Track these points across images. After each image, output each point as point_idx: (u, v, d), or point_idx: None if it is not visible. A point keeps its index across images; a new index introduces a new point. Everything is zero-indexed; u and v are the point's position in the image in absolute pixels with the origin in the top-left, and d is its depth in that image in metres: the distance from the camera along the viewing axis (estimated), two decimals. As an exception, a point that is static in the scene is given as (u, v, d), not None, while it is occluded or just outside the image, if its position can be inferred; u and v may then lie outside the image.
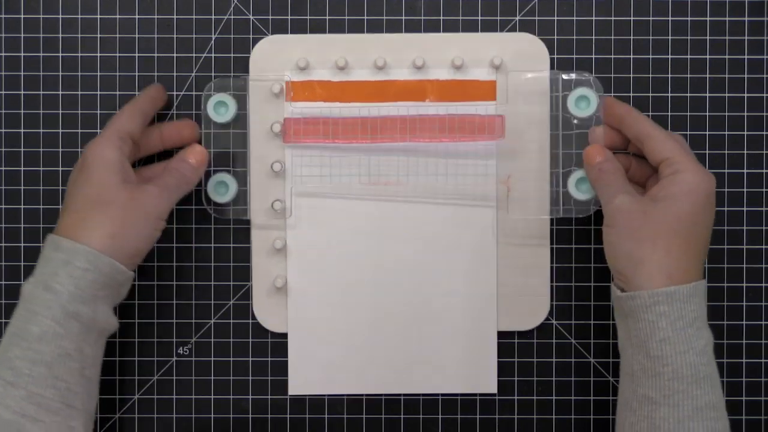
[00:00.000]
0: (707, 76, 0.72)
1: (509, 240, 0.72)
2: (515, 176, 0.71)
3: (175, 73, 0.73)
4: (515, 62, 0.71)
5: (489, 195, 0.72)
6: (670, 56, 0.72)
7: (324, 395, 0.73)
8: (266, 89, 0.71)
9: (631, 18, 0.72)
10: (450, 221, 0.72)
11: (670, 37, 0.72)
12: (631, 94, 0.72)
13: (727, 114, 0.72)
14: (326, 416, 0.73)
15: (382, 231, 0.72)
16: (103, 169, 0.65)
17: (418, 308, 0.72)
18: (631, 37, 0.72)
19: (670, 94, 0.72)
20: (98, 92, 0.72)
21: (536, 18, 0.72)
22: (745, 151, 0.72)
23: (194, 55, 0.73)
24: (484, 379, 0.72)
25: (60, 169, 0.72)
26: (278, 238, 0.72)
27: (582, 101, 0.70)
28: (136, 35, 0.73)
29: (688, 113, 0.72)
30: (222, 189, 0.71)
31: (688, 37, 0.72)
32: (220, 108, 0.71)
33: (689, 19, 0.72)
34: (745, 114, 0.72)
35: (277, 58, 0.72)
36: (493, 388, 0.72)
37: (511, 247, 0.72)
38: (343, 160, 0.71)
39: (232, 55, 0.72)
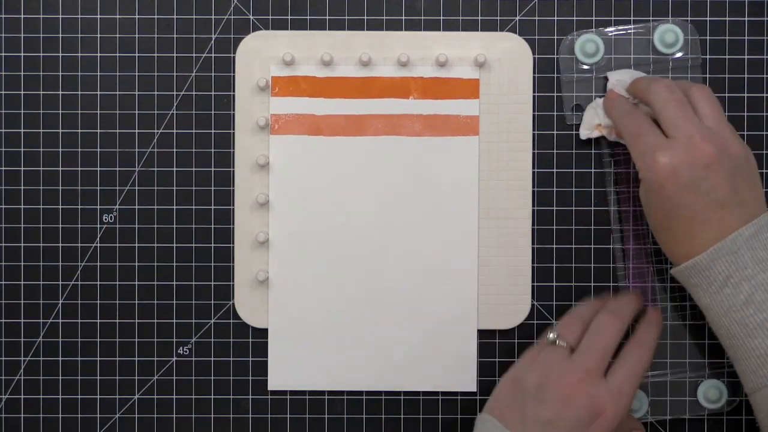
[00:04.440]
0: (707, 76, 0.72)
1: (490, 239, 0.72)
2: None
3: (175, 73, 0.73)
4: (499, 61, 0.72)
5: (471, 193, 0.72)
6: (671, 57, 0.72)
7: (305, 391, 0.73)
8: (252, 83, 0.72)
9: (631, 18, 0.72)
10: (432, 219, 0.72)
11: (670, 37, 0.72)
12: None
13: (726, 114, 0.72)
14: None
15: (365, 227, 0.72)
16: None
17: (399, 306, 0.72)
18: (631, 38, 0.72)
19: (670, 94, 0.72)
20: (98, 92, 0.73)
21: (536, 18, 0.72)
22: (745, 151, 0.72)
23: (194, 55, 0.73)
24: (464, 378, 0.72)
25: (60, 169, 0.72)
26: (261, 231, 0.72)
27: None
28: (136, 35, 0.73)
29: (688, 113, 0.72)
30: None
31: (689, 37, 0.72)
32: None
33: (689, 19, 0.72)
34: (745, 114, 0.72)
35: (263, 53, 0.72)
36: (472, 387, 0.72)
37: (492, 246, 0.72)
38: (327, 154, 0.72)
39: (232, 55, 0.72)
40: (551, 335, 0.66)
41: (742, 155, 0.64)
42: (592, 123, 0.70)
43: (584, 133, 0.71)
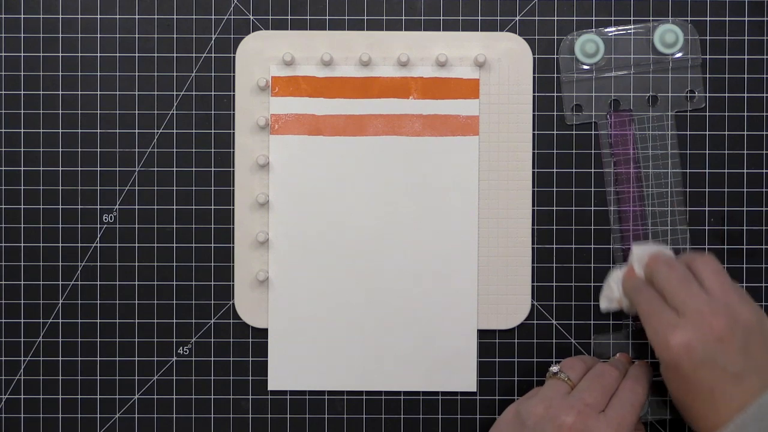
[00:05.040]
0: (707, 76, 0.72)
1: (491, 239, 0.72)
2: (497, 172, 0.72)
3: (175, 73, 0.73)
4: (499, 61, 0.72)
5: (471, 193, 0.72)
6: (671, 57, 0.72)
7: (304, 391, 0.73)
8: (252, 83, 0.72)
9: (631, 18, 0.72)
10: (432, 219, 0.72)
11: (670, 37, 0.72)
12: (632, 94, 0.72)
13: (727, 114, 0.72)
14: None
15: (365, 227, 0.72)
16: None
17: (399, 305, 0.72)
18: (631, 38, 0.72)
19: (670, 94, 0.72)
20: (98, 92, 0.73)
21: (536, 18, 0.72)
22: (745, 151, 0.72)
23: (194, 55, 0.73)
24: (464, 378, 0.72)
25: (60, 169, 0.72)
26: (261, 231, 0.72)
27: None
28: (136, 35, 0.73)
29: (688, 113, 0.72)
30: None
31: (689, 37, 0.72)
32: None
33: (689, 19, 0.72)
34: (745, 114, 0.72)
35: (263, 53, 0.72)
36: (472, 387, 0.72)
37: (492, 246, 0.72)
38: (327, 155, 0.72)
39: (231, 55, 0.72)
40: (554, 368, 0.67)
41: (755, 321, 0.63)
42: (613, 296, 0.70)
43: (604, 305, 0.70)
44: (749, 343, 0.63)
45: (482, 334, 0.73)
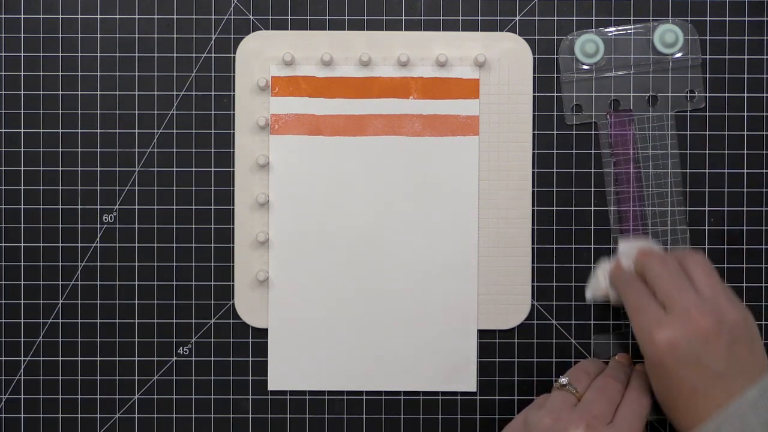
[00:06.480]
0: (707, 76, 0.72)
1: (490, 239, 0.72)
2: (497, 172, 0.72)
3: (175, 73, 0.73)
4: (499, 61, 0.72)
5: (471, 193, 0.72)
6: (671, 57, 0.72)
7: (304, 391, 0.73)
8: (252, 83, 0.72)
9: (631, 18, 0.72)
10: (432, 219, 0.72)
11: (670, 37, 0.72)
12: (632, 94, 0.72)
13: (727, 114, 0.72)
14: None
15: (365, 227, 0.72)
16: None
17: (399, 305, 0.72)
18: (631, 38, 0.72)
19: (670, 94, 0.72)
20: (98, 92, 0.73)
21: (536, 18, 0.73)
22: (745, 151, 0.72)
23: (194, 55, 0.73)
24: (464, 378, 0.72)
25: (60, 169, 0.72)
26: (261, 231, 0.72)
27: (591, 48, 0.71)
28: (136, 35, 0.73)
29: (688, 113, 0.72)
30: None
31: (689, 37, 0.72)
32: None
33: (689, 19, 0.72)
34: (745, 114, 0.72)
35: (263, 53, 0.72)
36: (472, 387, 0.72)
37: (492, 246, 0.72)
38: (327, 155, 0.72)
39: (232, 55, 0.72)
40: (563, 379, 0.66)
41: (740, 322, 0.63)
42: (599, 286, 0.70)
43: (589, 294, 0.71)
44: (735, 343, 0.63)
45: (482, 334, 0.73)
